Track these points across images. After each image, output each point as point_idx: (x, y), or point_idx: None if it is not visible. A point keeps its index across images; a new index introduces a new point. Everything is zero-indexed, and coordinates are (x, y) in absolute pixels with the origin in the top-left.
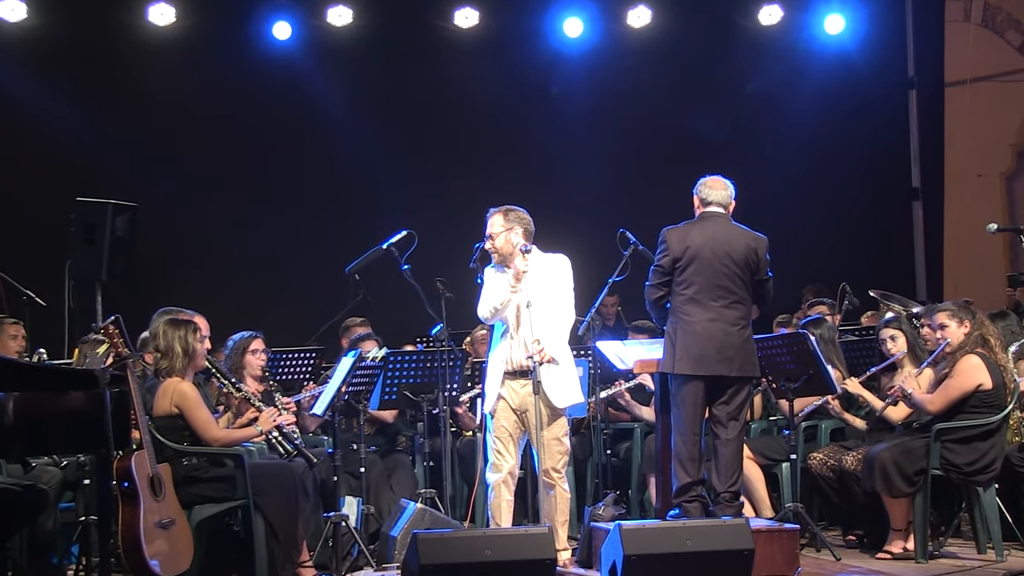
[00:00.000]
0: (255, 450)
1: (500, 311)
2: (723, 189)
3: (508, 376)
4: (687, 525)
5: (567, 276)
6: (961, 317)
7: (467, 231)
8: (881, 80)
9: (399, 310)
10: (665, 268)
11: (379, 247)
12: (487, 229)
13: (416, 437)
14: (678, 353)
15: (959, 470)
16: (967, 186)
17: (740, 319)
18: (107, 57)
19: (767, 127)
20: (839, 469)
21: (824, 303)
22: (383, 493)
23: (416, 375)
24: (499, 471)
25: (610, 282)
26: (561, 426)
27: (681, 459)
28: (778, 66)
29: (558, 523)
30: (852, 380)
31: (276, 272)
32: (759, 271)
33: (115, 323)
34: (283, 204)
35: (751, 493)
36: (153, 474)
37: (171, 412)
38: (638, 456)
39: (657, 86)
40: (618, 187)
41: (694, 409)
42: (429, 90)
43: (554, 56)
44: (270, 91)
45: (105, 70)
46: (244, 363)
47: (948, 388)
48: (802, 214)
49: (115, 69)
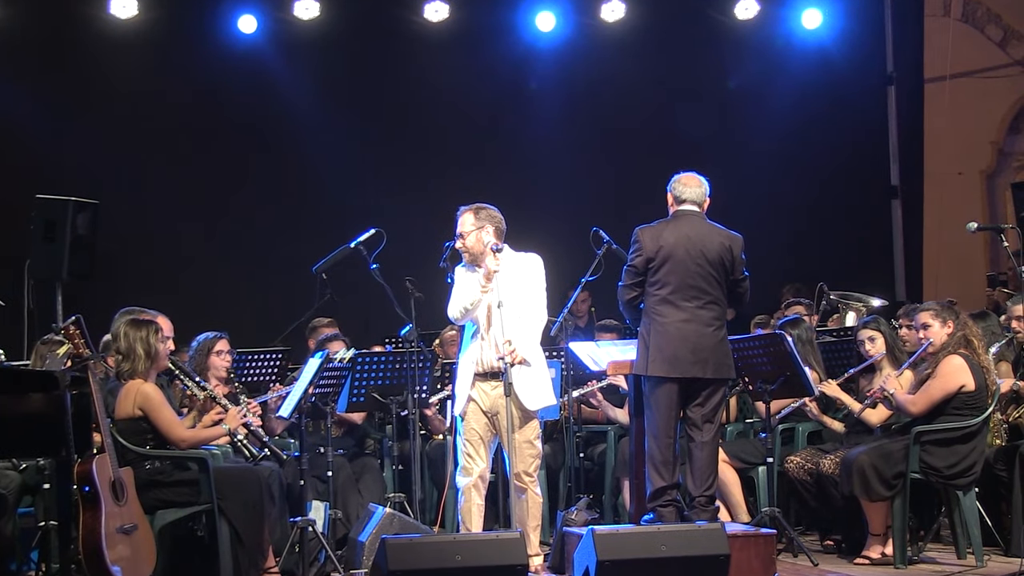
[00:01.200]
0: (219, 454)
1: (470, 311)
2: (697, 186)
3: (479, 378)
4: (662, 530)
5: (539, 275)
6: (944, 317)
7: (437, 229)
8: (859, 76)
9: (367, 310)
10: (638, 268)
11: (347, 246)
12: (457, 228)
13: (385, 440)
14: (651, 355)
15: (939, 473)
16: (947, 184)
17: (715, 320)
18: (68, 50)
19: (743, 124)
20: (816, 473)
21: (801, 303)
22: (351, 497)
23: (385, 377)
24: (469, 475)
25: (583, 282)
26: (533, 429)
27: (655, 463)
28: (754, 62)
29: (530, 528)
30: (830, 382)
31: (241, 271)
32: (734, 271)
33: (76, 324)
34: (248, 202)
35: (727, 497)
36: (115, 478)
37: (134, 415)
38: (612, 459)
39: (631, 82)
40: (591, 185)
41: (668, 411)
42: (399, 85)
43: (526, 51)
44: (235, 86)
45: (66, 64)
46: (209, 364)
47: (930, 389)
48: (779, 212)
49: (76, 63)
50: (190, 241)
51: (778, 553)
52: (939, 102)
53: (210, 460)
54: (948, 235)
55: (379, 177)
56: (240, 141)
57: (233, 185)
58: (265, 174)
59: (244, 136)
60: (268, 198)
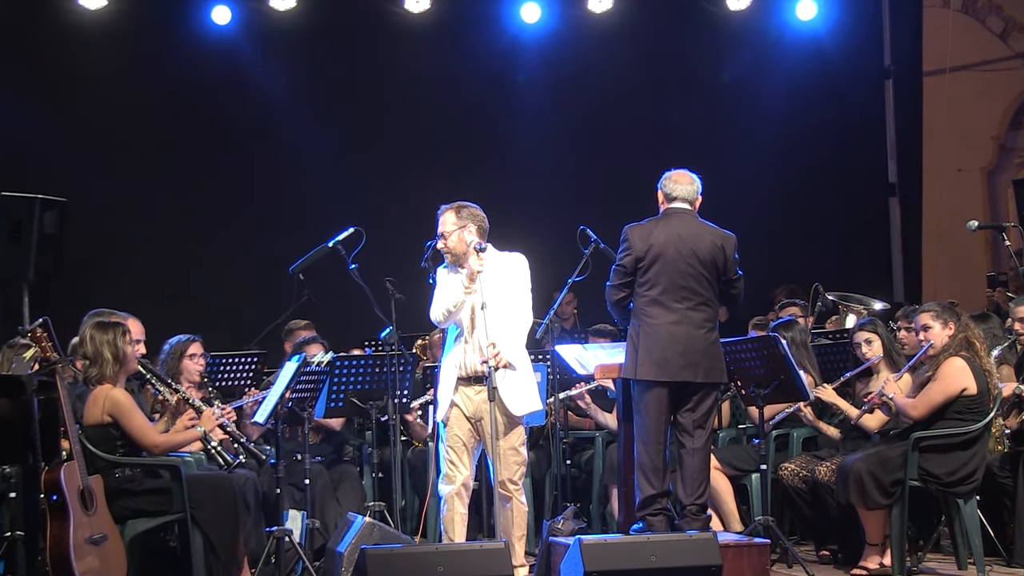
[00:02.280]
0: (192, 461)
1: (454, 314)
2: (689, 184)
3: (462, 382)
4: (651, 540)
5: (524, 276)
6: (945, 318)
7: (418, 228)
8: (856, 69)
9: (346, 312)
10: (627, 268)
11: (325, 245)
12: (438, 227)
13: (364, 447)
14: (640, 358)
15: (938, 481)
16: (946, 181)
17: (706, 321)
18: (35, 42)
19: (735, 118)
20: (812, 480)
21: (796, 304)
22: (329, 506)
23: (364, 381)
24: (452, 483)
25: (569, 282)
26: (518, 435)
27: (644, 470)
28: (747, 54)
29: (515, 538)
30: (825, 387)
31: (215, 271)
32: (727, 271)
33: (43, 326)
34: (223, 199)
35: (719, 506)
36: (84, 486)
37: (103, 421)
38: (600, 466)
39: (620, 75)
40: (578, 182)
41: (658, 417)
42: (378, 79)
43: (511, 43)
44: (209, 80)
45: (33, 56)
46: (181, 368)
47: (931, 392)
48: (772, 210)
49: (44, 55)
50: (162, 240)
51: (772, 564)
52: (938, 96)
53: (183, 467)
54: (948, 234)
55: (358, 173)
56: (214, 136)
57: (206, 182)
58: (240, 170)
59: (218, 131)
60: (243, 195)
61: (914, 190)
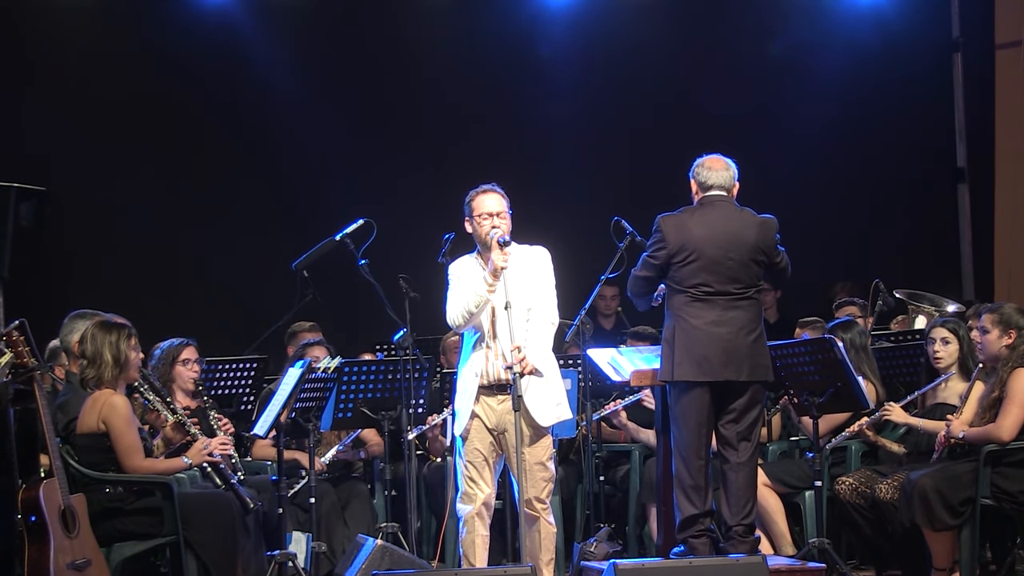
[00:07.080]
0: (185, 478)
1: (475, 315)
2: (724, 170)
3: (483, 391)
4: (694, 564)
5: (549, 271)
6: (1006, 326)
7: (434, 219)
8: (921, 43)
9: (355, 313)
10: (659, 262)
11: (331, 239)
12: (488, 208)
13: (376, 462)
14: (677, 357)
15: (1014, 499)
16: (1021, 166)
17: (749, 321)
18: (14, 19)
19: (787, 99)
20: (872, 498)
21: (855, 303)
22: (336, 528)
23: (375, 389)
24: (472, 502)
25: (603, 279)
26: (545, 448)
27: (685, 487)
28: (800, 28)
29: (542, 562)
30: (893, 406)
31: (210, 269)
32: (770, 256)
33: (19, 329)
34: (219, 190)
35: (768, 526)
36: (65, 506)
37: (97, 429)
38: (636, 483)
39: (657, 52)
40: (611, 170)
41: (698, 426)
42: (388, 57)
43: (534, 17)
44: (202, 61)
45: (9, 37)
46: (174, 375)
47: (1011, 413)
48: (829, 200)
49: (22, 36)
50: (151, 234)
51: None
52: (1012, 71)
53: (175, 485)
54: (1023, 224)
55: (369, 161)
56: (209, 122)
57: (201, 171)
58: (238, 158)
59: (214, 116)
60: (241, 185)
61: (986, 176)
